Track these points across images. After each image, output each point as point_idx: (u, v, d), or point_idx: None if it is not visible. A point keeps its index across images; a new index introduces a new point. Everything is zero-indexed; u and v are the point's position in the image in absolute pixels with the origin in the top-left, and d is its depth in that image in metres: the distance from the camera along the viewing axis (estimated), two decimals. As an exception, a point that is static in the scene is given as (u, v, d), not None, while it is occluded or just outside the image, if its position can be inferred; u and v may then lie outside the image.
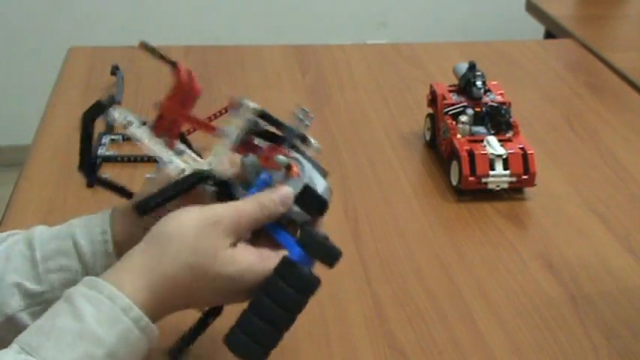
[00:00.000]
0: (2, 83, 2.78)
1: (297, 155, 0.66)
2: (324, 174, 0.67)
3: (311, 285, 0.62)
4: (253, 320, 0.62)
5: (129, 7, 2.72)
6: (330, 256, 0.63)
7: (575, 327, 0.83)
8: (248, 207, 0.63)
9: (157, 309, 0.60)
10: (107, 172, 1.07)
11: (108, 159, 1.10)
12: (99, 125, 1.18)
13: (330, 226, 0.70)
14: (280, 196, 0.64)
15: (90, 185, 0.73)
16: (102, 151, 1.11)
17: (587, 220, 1.02)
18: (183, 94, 0.68)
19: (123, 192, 0.75)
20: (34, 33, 2.73)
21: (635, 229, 1.00)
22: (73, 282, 0.65)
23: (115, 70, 1.34)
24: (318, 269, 0.65)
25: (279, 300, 0.61)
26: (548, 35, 1.84)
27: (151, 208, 0.63)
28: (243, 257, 0.62)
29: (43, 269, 0.67)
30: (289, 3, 2.82)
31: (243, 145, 0.67)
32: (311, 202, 0.65)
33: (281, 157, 0.64)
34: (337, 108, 1.29)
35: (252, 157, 0.66)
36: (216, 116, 1.05)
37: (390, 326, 0.82)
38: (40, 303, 0.66)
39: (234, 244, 0.62)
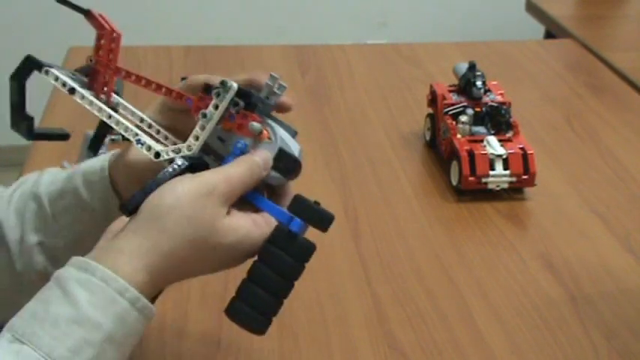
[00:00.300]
0: (2, 83, 2.78)
1: (269, 120, 0.66)
2: (293, 134, 0.67)
3: (308, 251, 0.62)
4: (253, 290, 0.61)
5: (129, 7, 2.73)
6: (324, 220, 0.62)
7: (575, 327, 0.83)
8: (238, 172, 0.62)
9: (156, 286, 0.60)
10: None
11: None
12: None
13: (330, 226, 0.70)
14: (262, 159, 0.63)
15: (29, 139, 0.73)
16: (102, 151, 1.11)
17: (587, 220, 1.02)
18: (109, 40, 0.68)
19: (60, 137, 0.74)
20: (34, 33, 2.73)
21: (635, 229, 1.00)
22: (83, 229, 0.70)
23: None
24: (317, 267, 0.65)
25: (278, 268, 0.61)
26: (548, 35, 1.85)
27: (137, 207, 0.62)
28: (240, 224, 0.61)
29: (58, 226, 0.70)
30: (289, 3, 2.82)
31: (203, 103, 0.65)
32: (287, 164, 0.65)
33: (254, 124, 0.64)
34: (337, 108, 1.30)
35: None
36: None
37: (390, 326, 0.82)
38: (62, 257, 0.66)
39: (228, 212, 0.61)
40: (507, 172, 1.03)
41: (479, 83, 1.10)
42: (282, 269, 0.61)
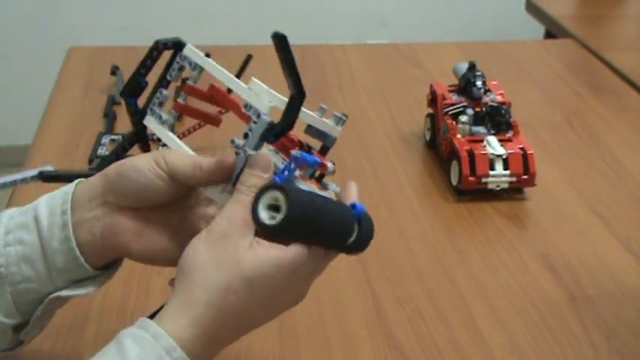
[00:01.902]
0: (2, 83, 2.78)
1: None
2: None
3: (364, 241, 0.62)
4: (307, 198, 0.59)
5: (129, 7, 2.73)
6: (371, 230, 0.64)
7: (575, 327, 0.83)
8: (240, 200, 0.61)
9: (208, 343, 0.59)
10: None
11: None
12: (98, 125, 1.19)
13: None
14: (260, 165, 0.62)
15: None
16: (102, 151, 1.11)
17: (587, 220, 1.02)
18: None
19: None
20: (34, 33, 2.73)
21: (635, 229, 1.00)
22: (30, 256, 0.64)
23: (115, 70, 1.34)
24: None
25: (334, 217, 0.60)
26: (548, 35, 1.84)
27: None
28: (267, 253, 0.59)
29: (2, 243, 0.65)
30: (290, 3, 2.82)
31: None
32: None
33: (332, 165, 0.66)
34: (337, 108, 1.29)
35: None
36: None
37: (390, 326, 0.82)
38: None
39: (251, 245, 0.60)
40: (507, 172, 1.03)
41: (479, 83, 1.10)
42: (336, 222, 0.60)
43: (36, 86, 1.88)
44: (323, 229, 0.59)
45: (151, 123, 0.70)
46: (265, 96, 0.65)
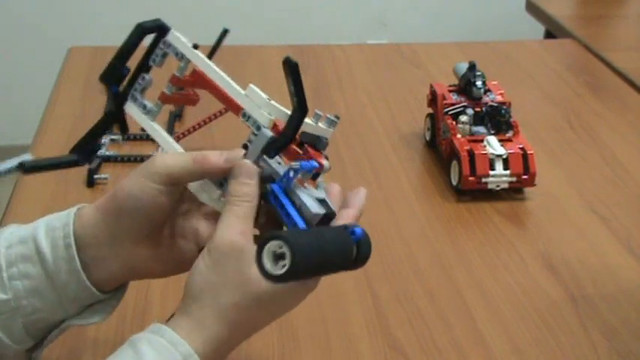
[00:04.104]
0: (2, 83, 2.78)
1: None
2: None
3: (363, 260, 0.62)
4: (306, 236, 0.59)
5: (129, 7, 2.72)
6: (368, 249, 0.62)
7: (575, 327, 0.83)
8: (234, 213, 0.61)
9: (220, 353, 0.60)
10: (107, 172, 1.07)
11: (108, 159, 1.10)
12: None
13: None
14: (244, 174, 0.62)
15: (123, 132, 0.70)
16: (102, 151, 1.11)
17: (587, 220, 1.02)
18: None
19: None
20: (34, 33, 2.73)
21: (635, 229, 0.99)
22: (38, 289, 0.64)
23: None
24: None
25: (333, 245, 0.60)
26: (548, 35, 1.84)
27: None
28: None
29: (7, 276, 0.64)
30: (289, 3, 2.82)
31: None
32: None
33: (327, 162, 0.66)
34: (337, 108, 1.29)
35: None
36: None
37: (390, 326, 0.82)
38: (5, 312, 0.64)
39: (253, 257, 0.60)
40: (507, 172, 1.03)
41: (479, 83, 1.10)
42: (334, 251, 0.60)
43: (36, 86, 1.87)
44: (326, 264, 0.60)
45: (132, 110, 0.68)
46: (265, 107, 0.64)
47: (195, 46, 0.68)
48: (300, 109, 0.62)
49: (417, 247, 0.95)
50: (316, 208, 0.63)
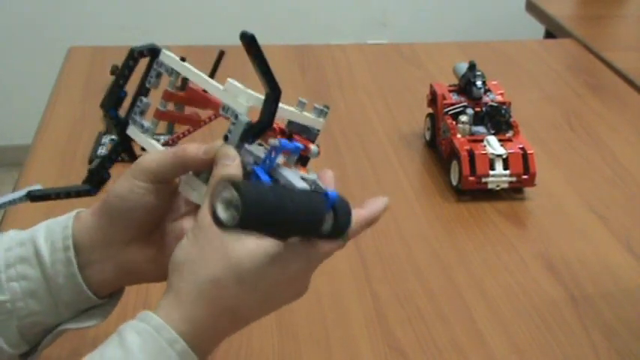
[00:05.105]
0: (2, 83, 2.78)
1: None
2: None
3: (342, 227, 0.60)
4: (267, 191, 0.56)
5: (129, 7, 2.73)
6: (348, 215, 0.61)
7: (575, 327, 0.83)
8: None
9: (203, 337, 0.59)
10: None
11: (108, 159, 1.10)
12: (98, 125, 1.19)
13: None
14: (223, 156, 0.61)
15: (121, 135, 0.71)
16: (102, 151, 1.11)
17: (587, 220, 1.02)
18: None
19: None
20: (34, 33, 2.73)
21: (635, 229, 1.00)
22: (35, 291, 0.64)
23: (115, 70, 1.34)
24: (320, 270, 0.64)
25: (298, 205, 0.57)
26: (548, 35, 1.84)
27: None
28: (256, 245, 0.58)
29: (5, 277, 0.64)
30: (289, 3, 2.82)
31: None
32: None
33: (315, 147, 0.65)
34: (337, 108, 1.29)
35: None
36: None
37: (390, 326, 0.82)
38: (1, 313, 0.64)
39: (239, 236, 0.59)
40: (507, 172, 1.03)
41: (479, 83, 1.10)
42: (300, 209, 0.57)
43: (36, 86, 1.88)
44: (288, 222, 0.56)
45: (133, 133, 0.70)
46: (242, 96, 0.64)
47: (183, 59, 0.69)
48: (271, 89, 0.62)
49: (417, 247, 0.95)
50: (302, 184, 0.61)
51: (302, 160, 0.67)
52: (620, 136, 1.23)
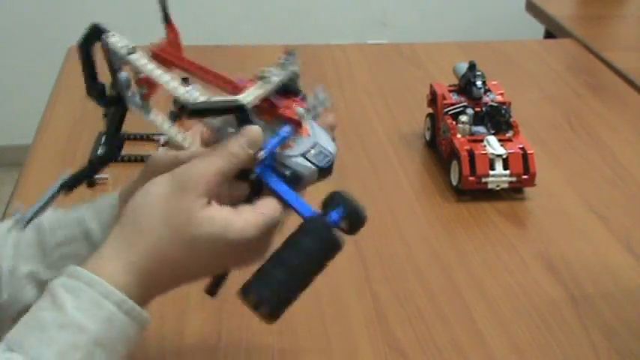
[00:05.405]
0: (2, 83, 2.78)
1: (310, 119, 0.65)
2: (332, 138, 0.66)
3: (339, 246, 0.61)
4: (273, 272, 0.60)
5: (129, 7, 2.72)
6: (362, 216, 0.63)
7: (575, 327, 0.83)
8: (214, 162, 0.60)
9: (144, 290, 0.59)
10: (107, 172, 1.07)
11: (108, 159, 1.10)
12: (98, 125, 1.19)
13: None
14: (248, 138, 0.61)
15: (104, 108, 0.71)
16: (102, 151, 1.11)
17: (587, 220, 1.02)
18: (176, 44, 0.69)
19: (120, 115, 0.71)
20: (34, 33, 2.73)
21: (635, 229, 1.00)
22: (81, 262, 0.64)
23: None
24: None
25: (304, 255, 0.60)
26: (548, 35, 1.84)
27: (198, 113, 0.61)
28: (217, 214, 0.59)
29: (56, 256, 0.66)
30: (289, 3, 2.82)
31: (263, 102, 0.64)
32: (320, 159, 0.64)
33: (300, 109, 0.63)
34: (337, 108, 1.29)
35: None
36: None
37: (390, 326, 0.82)
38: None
39: (208, 203, 0.59)
40: (507, 172, 1.03)
41: (479, 83, 1.10)
42: (308, 257, 0.60)
43: (36, 86, 1.87)
44: (306, 269, 0.61)
45: (134, 111, 0.69)
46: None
47: (133, 49, 0.69)
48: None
49: (417, 247, 0.95)
50: (307, 166, 0.63)
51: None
52: (620, 136, 1.23)
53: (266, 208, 0.61)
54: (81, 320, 0.55)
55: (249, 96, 0.63)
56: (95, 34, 0.69)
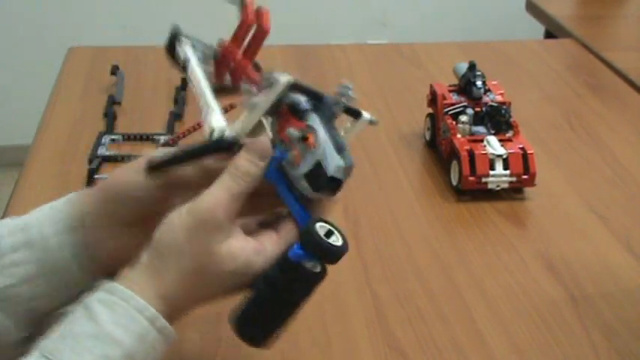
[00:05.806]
0: (2, 83, 2.78)
1: (321, 128, 0.63)
2: (342, 147, 0.64)
3: (312, 281, 0.63)
4: (256, 310, 0.62)
5: (129, 7, 2.73)
6: (331, 256, 0.62)
7: (575, 327, 0.83)
8: (228, 187, 0.60)
9: (171, 313, 0.60)
10: (107, 172, 1.07)
11: (108, 159, 1.10)
12: (98, 125, 1.19)
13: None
14: (256, 151, 0.61)
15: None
16: (102, 151, 1.11)
17: (587, 220, 1.02)
18: (246, 32, 0.69)
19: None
20: (34, 33, 2.73)
21: (635, 229, 1.00)
22: (35, 275, 0.65)
23: (115, 70, 1.34)
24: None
25: (282, 292, 0.62)
26: (548, 35, 1.84)
27: (159, 165, 0.63)
28: (239, 253, 0.60)
29: (7, 262, 0.65)
30: (289, 3, 2.82)
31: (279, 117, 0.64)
32: (319, 181, 0.62)
33: (291, 131, 0.61)
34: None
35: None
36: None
37: (390, 326, 0.82)
38: (2, 299, 0.64)
39: (228, 235, 0.60)
40: (507, 172, 1.03)
41: (479, 83, 1.10)
42: (286, 293, 0.62)
43: (36, 86, 1.87)
44: (285, 298, 0.63)
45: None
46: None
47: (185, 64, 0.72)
48: None
49: (417, 247, 0.95)
50: (308, 187, 0.62)
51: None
52: (620, 136, 1.23)
53: (290, 236, 0.63)
54: (116, 334, 0.56)
55: (234, 129, 0.63)
56: (175, 37, 0.72)
